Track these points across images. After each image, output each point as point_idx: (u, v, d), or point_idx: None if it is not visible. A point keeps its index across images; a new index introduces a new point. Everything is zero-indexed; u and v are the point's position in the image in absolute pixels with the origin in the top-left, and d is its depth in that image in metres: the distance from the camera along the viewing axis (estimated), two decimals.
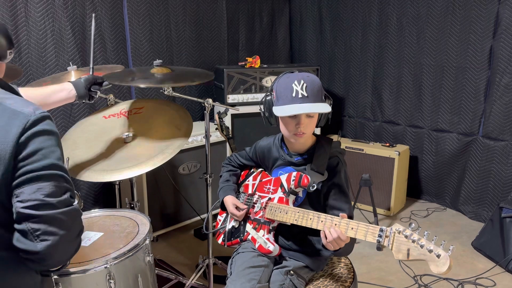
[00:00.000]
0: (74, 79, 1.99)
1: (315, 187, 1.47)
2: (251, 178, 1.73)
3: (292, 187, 1.51)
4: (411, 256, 1.17)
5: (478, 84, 3.12)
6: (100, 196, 2.95)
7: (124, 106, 2.16)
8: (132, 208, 2.29)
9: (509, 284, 2.45)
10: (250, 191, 1.69)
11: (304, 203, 1.55)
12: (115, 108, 2.17)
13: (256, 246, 1.56)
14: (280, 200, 1.54)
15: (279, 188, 1.56)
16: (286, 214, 1.49)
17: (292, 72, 1.49)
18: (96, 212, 1.85)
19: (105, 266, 1.42)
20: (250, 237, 1.60)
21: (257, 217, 1.60)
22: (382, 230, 1.24)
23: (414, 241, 1.17)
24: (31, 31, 2.53)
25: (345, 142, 3.49)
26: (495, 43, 2.98)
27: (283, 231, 1.59)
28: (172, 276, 2.35)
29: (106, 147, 1.91)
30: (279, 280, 1.51)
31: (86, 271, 1.40)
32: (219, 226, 1.77)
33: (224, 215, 1.78)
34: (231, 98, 3.20)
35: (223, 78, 3.15)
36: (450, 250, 1.12)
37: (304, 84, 1.42)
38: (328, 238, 1.32)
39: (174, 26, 3.27)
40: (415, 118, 3.54)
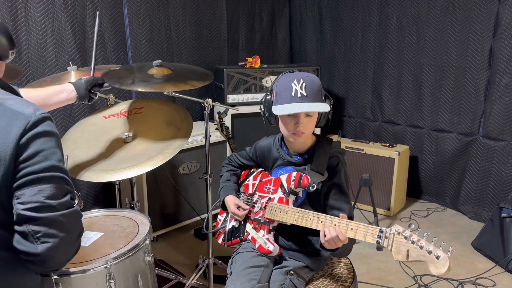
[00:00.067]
0: (74, 79, 1.99)
1: (315, 187, 1.47)
2: (251, 178, 1.73)
3: (292, 187, 1.52)
4: (410, 257, 1.17)
5: (478, 84, 3.12)
6: (100, 196, 2.96)
7: (124, 106, 2.16)
8: (132, 208, 2.29)
9: (509, 284, 2.45)
10: (250, 191, 1.69)
11: (304, 203, 1.55)
12: (115, 108, 2.17)
13: (256, 246, 1.56)
14: (280, 200, 1.54)
15: (279, 188, 1.56)
16: (286, 214, 1.49)
17: (293, 72, 1.49)
18: (96, 212, 1.85)
19: (105, 266, 1.42)
20: (250, 237, 1.60)
21: (257, 217, 1.61)
22: (381, 231, 1.24)
23: (413, 242, 1.17)
24: (31, 31, 2.53)
25: (345, 142, 3.49)
26: (495, 43, 2.98)
27: (283, 231, 1.59)
28: (172, 276, 2.35)
29: (106, 147, 1.91)
30: (279, 280, 1.51)
31: (86, 271, 1.40)
32: (219, 226, 1.77)
33: (224, 215, 1.78)
34: (231, 98, 3.20)
35: (223, 78, 3.15)
36: (450, 251, 1.12)
37: (304, 84, 1.41)
38: (327, 236, 1.32)
39: (174, 26, 3.27)
40: (415, 118, 3.54)
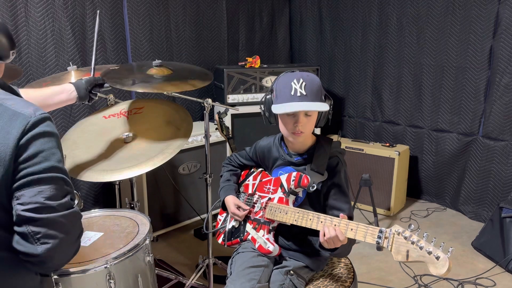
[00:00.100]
0: (74, 79, 1.99)
1: (315, 187, 1.47)
2: (251, 178, 1.73)
3: (292, 187, 1.51)
4: (410, 257, 1.17)
5: (478, 84, 3.12)
6: (100, 196, 2.96)
7: (124, 106, 2.16)
8: (132, 208, 2.29)
9: (509, 284, 2.45)
10: (250, 191, 1.69)
11: (304, 203, 1.55)
12: (115, 108, 2.17)
13: (256, 246, 1.56)
14: (280, 200, 1.54)
15: (279, 188, 1.56)
16: (286, 214, 1.49)
17: (293, 72, 1.49)
18: (96, 212, 1.85)
19: (105, 266, 1.42)
20: (250, 237, 1.60)
21: (257, 217, 1.61)
22: (381, 231, 1.24)
23: (413, 242, 1.16)
24: (31, 31, 2.53)
25: (345, 142, 3.49)
26: (495, 43, 2.98)
27: (283, 231, 1.59)
28: (172, 276, 2.35)
29: (106, 147, 1.91)
30: (279, 280, 1.51)
31: (86, 271, 1.40)
32: (219, 226, 1.77)
33: (224, 215, 1.78)
34: (231, 98, 3.20)
35: (223, 78, 3.15)
36: (450, 252, 1.12)
37: (303, 83, 1.42)
38: (326, 236, 1.32)
39: (174, 26, 3.27)
40: (415, 118, 3.54)
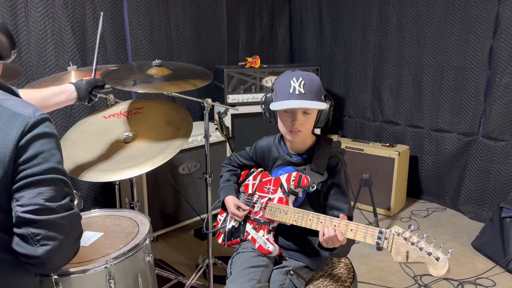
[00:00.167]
0: (74, 79, 1.98)
1: (315, 188, 1.47)
2: (251, 178, 1.73)
3: (292, 187, 1.51)
4: (410, 258, 1.16)
5: (478, 84, 3.12)
6: (100, 196, 2.96)
7: (124, 106, 2.16)
8: (132, 208, 2.29)
9: (509, 284, 2.45)
10: (250, 191, 1.69)
11: (304, 203, 1.55)
12: (115, 108, 2.17)
13: (256, 246, 1.56)
14: (280, 200, 1.54)
15: (279, 188, 1.56)
16: (286, 214, 1.49)
17: (294, 71, 1.49)
18: (96, 212, 1.85)
19: (105, 266, 1.42)
20: (250, 237, 1.60)
21: (257, 217, 1.61)
22: (381, 232, 1.24)
23: (413, 243, 1.16)
24: (31, 31, 2.53)
25: (345, 142, 3.49)
26: (495, 43, 2.98)
27: (283, 231, 1.59)
28: (172, 276, 2.35)
29: (106, 147, 1.91)
30: (279, 280, 1.51)
31: (86, 271, 1.40)
32: (219, 226, 1.77)
33: (224, 215, 1.78)
34: (231, 98, 3.20)
35: (223, 78, 3.15)
36: (449, 252, 1.12)
37: (302, 81, 1.42)
38: (325, 235, 1.33)
39: (174, 26, 3.27)
40: (415, 118, 3.54)
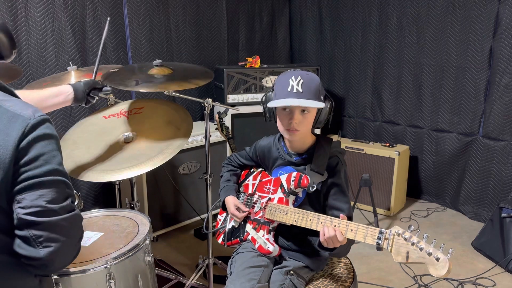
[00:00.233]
0: (74, 79, 1.98)
1: (315, 188, 1.47)
2: (251, 178, 1.73)
3: (292, 187, 1.51)
4: (410, 258, 1.16)
5: (478, 84, 3.12)
6: (100, 196, 2.95)
7: (124, 106, 2.16)
8: (132, 208, 2.29)
9: (509, 284, 2.45)
10: (250, 191, 1.69)
11: (304, 203, 1.56)
12: (115, 108, 2.17)
13: (256, 246, 1.56)
14: (280, 200, 1.54)
15: (279, 188, 1.56)
16: (286, 214, 1.49)
17: (295, 70, 1.49)
18: (96, 212, 1.86)
19: (105, 266, 1.42)
20: (250, 237, 1.60)
21: (257, 217, 1.61)
22: (381, 233, 1.24)
23: (413, 243, 1.16)
24: (31, 31, 2.53)
25: (345, 142, 3.49)
26: (495, 43, 2.98)
27: (283, 231, 1.59)
28: (172, 276, 2.35)
29: (106, 147, 1.91)
30: (279, 280, 1.51)
31: (86, 271, 1.40)
32: (219, 226, 1.77)
33: (224, 215, 1.78)
34: (231, 98, 3.19)
35: (223, 78, 3.15)
36: (450, 253, 1.11)
37: (301, 80, 1.42)
38: (325, 235, 1.33)
39: (174, 26, 3.27)
40: (415, 118, 3.54)
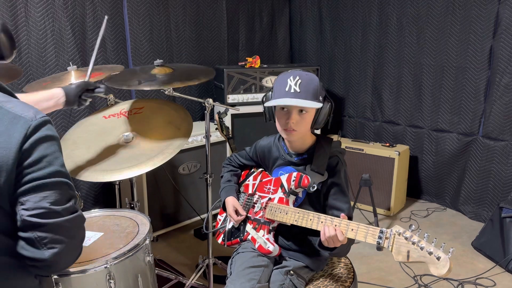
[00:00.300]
0: (74, 79, 1.98)
1: (315, 188, 1.47)
2: (251, 178, 1.73)
3: (293, 187, 1.51)
4: (411, 258, 1.17)
5: (478, 84, 3.12)
6: (100, 196, 2.95)
7: (124, 106, 2.16)
8: (132, 208, 2.29)
9: (509, 284, 2.45)
10: (250, 191, 1.69)
11: (304, 203, 1.56)
12: (115, 108, 2.17)
13: (256, 246, 1.56)
14: (280, 200, 1.54)
15: (279, 188, 1.56)
16: (286, 214, 1.49)
17: (295, 70, 1.49)
18: (96, 212, 1.85)
19: (105, 266, 1.42)
20: (250, 237, 1.60)
21: (257, 217, 1.61)
22: (382, 232, 1.24)
23: (414, 243, 1.16)
24: (31, 31, 2.53)
25: (345, 142, 3.49)
26: (495, 43, 2.98)
27: (283, 231, 1.59)
28: (172, 276, 2.35)
29: (106, 147, 1.91)
30: (279, 280, 1.51)
31: (86, 271, 1.40)
32: (219, 225, 1.77)
33: (224, 215, 1.78)
34: (231, 98, 3.19)
35: (223, 78, 3.15)
36: (450, 252, 1.12)
37: (299, 80, 1.42)
38: (326, 234, 1.33)
39: (174, 26, 3.27)
40: (415, 118, 3.54)
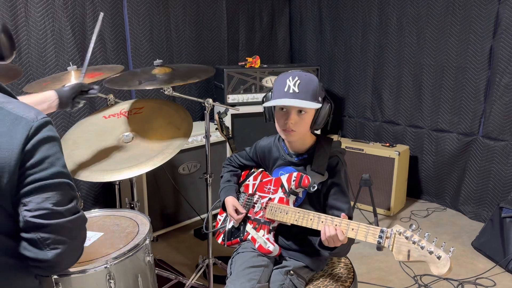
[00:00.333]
0: (74, 79, 1.98)
1: (316, 188, 1.47)
2: (251, 178, 1.73)
3: (293, 187, 1.51)
4: (411, 257, 1.17)
5: (478, 84, 3.12)
6: (100, 196, 2.95)
7: (124, 106, 2.16)
8: (132, 208, 2.29)
9: (509, 284, 2.45)
10: (250, 191, 1.69)
11: (304, 203, 1.56)
12: (115, 108, 2.17)
13: (256, 246, 1.56)
14: (281, 200, 1.54)
15: (280, 188, 1.56)
16: (287, 214, 1.49)
17: (295, 71, 1.50)
18: (96, 212, 1.86)
19: (105, 266, 1.42)
20: (250, 237, 1.60)
21: (257, 217, 1.60)
22: (383, 231, 1.24)
23: (414, 242, 1.17)
24: (31, 31, 2.53)
25: (345, 142, 3.49)
26: (495, 43, 2.98)
27: (283, 231, 1.59)
28: (172, 276, 2.35)
29: (106, 147, 1.91)
30: (279, 280, 1.51)
31: (86, 271, 1.40)
32: (219, 225, 1.77)
33: (224, 215, 1.78)
34: (231, 98, 3.19)
35: (223, 78, 3.15)
36: (451, 251, 1.12)
37: (298, 81, 1.42)
38: (327, 233, 1.33)
39: (174, 26, 3.27)
40: (415, 118, 3.54)
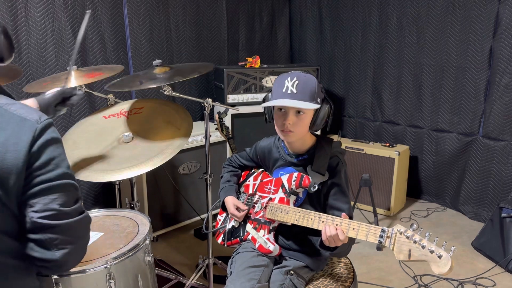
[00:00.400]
0: (74, 79, 1.97)
1: (316, 188, 1.47)
2: (251, 178, 1.73)
3: (293, 187, 1.51)
4: (412, 256, 1.17)
5: (478, 84, 3.12)
6: (100, 196, 2.95)
7: (124, 106, 2.16)
8: (132, 208, 2.29)
9: (509, 284, 2.45)
10: (250, 191, 1.69)
11: (305, 203, 1.56)
12: (115, 108, 2.17)
13: (256, 246, 1.56)
14: (281, 200, 1.54)
15: (280, 188, 1.56)
16: (287, 214, 1.49)
17: (294, 71, 1.50)
18: (96, 212, 1.85)
19: (105, 266, 1.42)
20: (250, 237, 1.60)
21: (257, 217, 1.60)
22: (383, 231, 1.24)
23: (415, 241, 1.17)
24: (31, 31, 2.52)
25: (345, 142, 3.49)
26: (495, 43, 2.98)
27: (283, 231, 1.59)
28: (172, 276, 2.35)
29: (106, 147, 1.91)
30: (279, 280, 1.51)
31: (86, 271, 1.40)
32: (219, 225, 1.77)
33: (224, 215, 1.78)
34: (231, 98, 3.19)
35: (223, 78, 3.15)
36: (452, 251, 1.12)
37: (296, 82, 1.43)
38: (327, 233, 1.33)
39: (174, 26, 3.26)
40: (415, 118, 3.54)
